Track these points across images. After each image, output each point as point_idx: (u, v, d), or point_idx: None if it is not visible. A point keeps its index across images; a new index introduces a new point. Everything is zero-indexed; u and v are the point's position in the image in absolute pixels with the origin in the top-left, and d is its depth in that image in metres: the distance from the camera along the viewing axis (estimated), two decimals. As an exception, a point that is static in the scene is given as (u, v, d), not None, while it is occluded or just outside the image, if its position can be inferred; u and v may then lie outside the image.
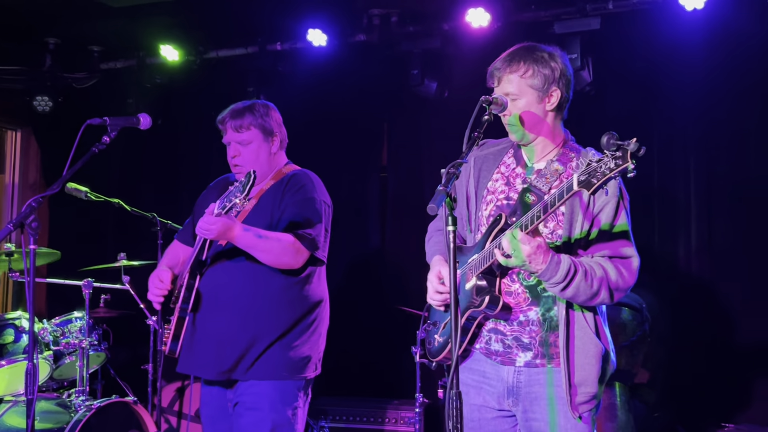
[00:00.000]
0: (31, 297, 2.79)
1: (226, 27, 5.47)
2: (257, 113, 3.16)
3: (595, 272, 2.34)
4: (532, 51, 2.52)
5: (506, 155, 2.66)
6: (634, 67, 4.82)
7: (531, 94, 2.50)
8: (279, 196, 3.09)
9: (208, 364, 3.04)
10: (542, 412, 2.44)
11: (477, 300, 2.42)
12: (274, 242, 2.96)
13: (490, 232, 2.46)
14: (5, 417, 4.31)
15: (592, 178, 2.07)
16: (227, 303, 3.03)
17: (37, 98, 5.85)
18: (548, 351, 2.45)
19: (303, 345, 3.08)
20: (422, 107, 5.30)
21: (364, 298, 5.56)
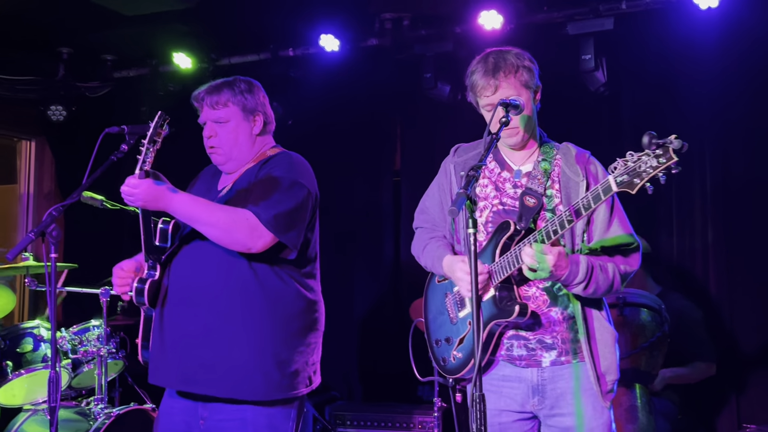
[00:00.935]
0: (53, 305, 2.81)
1: (239, 34, 5.50)
2: (237, 88, 2.82)
3: (606, 264, 2.45)
4: (507, 53, 2.57)
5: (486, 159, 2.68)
6: (649, 67, 4.82)
7: (527, 93, 2.55)
8: (253, 178, 2.72)
9: (181, 374, 2.66)
10: (569, 407, 2.49)
11: (503, 310, 2.45)
12: (220, 213, 2.56)
13: (498, 239, 2.49)
14: (25, 426, 4.35)
15: (634, 177, 2.13)
16: (200, 302, 2.65)
17: (51, 108, 5.88)
18: (571, 347, 2.51)
19: (292, 356, 2.66)
20: (435, 111, 5.32)
21: (379, 303, 5.58)
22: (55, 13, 5.12)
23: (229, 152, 2.82)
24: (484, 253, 2.52)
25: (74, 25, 5.36)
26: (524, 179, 2.58)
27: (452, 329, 2.65)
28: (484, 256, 2.51)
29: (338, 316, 5.63)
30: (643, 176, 2.12)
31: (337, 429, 4.96)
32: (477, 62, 2.59)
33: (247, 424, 2.63)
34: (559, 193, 2.53)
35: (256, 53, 5.52)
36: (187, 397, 2.73)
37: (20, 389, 4.45)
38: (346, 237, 5.71)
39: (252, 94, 2.88)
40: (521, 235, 2.46)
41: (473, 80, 2.58)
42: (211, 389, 2.63)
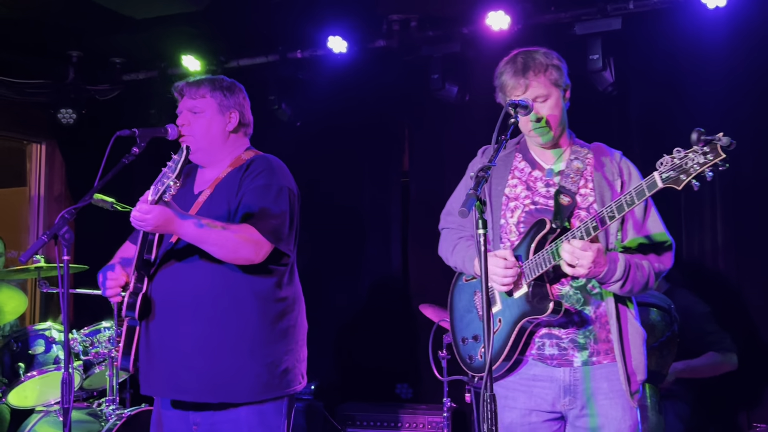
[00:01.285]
0: (65, 307, 2.83)
1: (247, 36, 5.51)
2: (217, 84, 2.87)
3: (641, 262, 2.47)
4: (534, 53, 2.58)
5: (515, 160, 2.70)
6: (657, 66, 4.81)
7: (556, 92, 2.56)
8: (236, 184, 2.74)
9: (172, 383, 2.68)
10: (599, 408, 2.50)
11: (536, 308, 2.45)
12: (226, 234, 2.58)
13: (532, 237, 2.49)
14: (37, 427, 4.37)
15: (680, 174, 2.15)
16: (187, 310, 2.67)
17: (61, 111, 5.90)
18: (603, 347, 2.52)
19: (281, 355, 2.70)
20: (443, 111, 5.32)
21: (388, 303, 5.59)
22: (65, 16, 5.15)
23: (199, 141, 2.82)
24: (518, 249, 2.53)
25: (84, 28, 5.38)
26: (557, 178, 2.59)
27: (479, 327, 2.65)
28: (518, 252, 2.52)
29: (346, 316, 5.67)
30: (690, 172, 2.14)
31: (347, 429, 4.97)
32: (505, 63, 2.60)
33: (241, 424, 2.66)
34: (593, 192, 2.54)
35: (265, 55, 5.53)
36: (177, 405, 2.76)
37: (32, 391, 4.48)
38: (355, 238, 5.72)
39: (232, 92, 2.91)
40: (556, 234, 2.46)
41: (503, 81, 2.58)
42: (204, 396, 2.66)
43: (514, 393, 2.59)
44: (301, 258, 5.95)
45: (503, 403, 2.60)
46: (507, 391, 2.61)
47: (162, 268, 2.76)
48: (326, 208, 5.81)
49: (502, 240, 2.62)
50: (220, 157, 2.88)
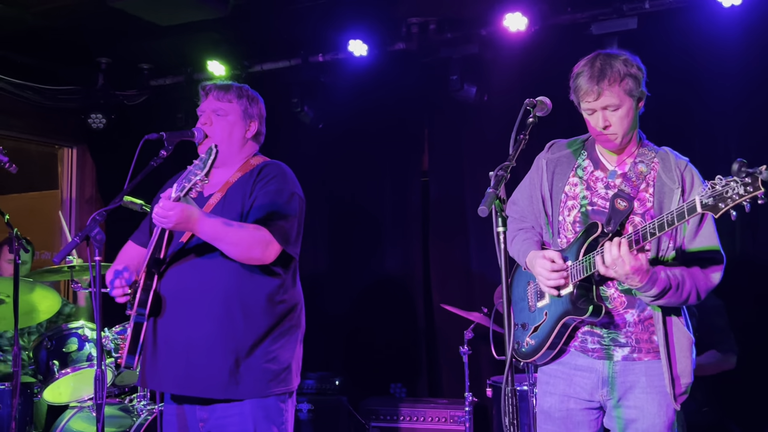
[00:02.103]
0: (98, 306, 2.84)
1: (270, 41, 5.54)
2: (244, 93, 2.95)
3: (686, 282, 2.43)
4: (614, 59, 2.52)
5: (580, 157, 2.67)
6: (673, 63, 4.77)
7: (629, 102, 2.51)
8: (249, 188, 2.78)
9: (177, 378, 2.70)
10: (635, 401, 2.51)
11: (578, 308, 2.47)
12: (242, 233, 2.63)
13: (584, 239, 2.49)
14: (71, 422, 4.43)
15: (719, 202, 2.12)
16: (195, 308, 2.69)
17: (91, 116, 5.98)
18: (645, 347, 2.52)
19: (282, 354, 2.76)
20: (462, 112, 5.31)
21: (409, 300, 5.59)
22: (94, 25, 5.20)
23: (219, 144, 2.77)
24: (569, 250, 2.53)
25: (112, 35, 5.43)
26: (618, 180, 2.56)
27: (529, 316, 2.67)
28: (569, 253, 2.52)
29: (369, 313, 5.67)
30: (728, 202, 2.11)
31: (371, 423, 4.98)
32: (584, 64, 2.54)
33: (246, 418, 2.70)
34: (652, 198, 2.50)
35: (288, 59, 5.55)
36: (183, 401, 2.79)
37: (66, 387, 4.52)
38: (376, 236, 5.73)
39: (255, 102, 2.99)
40: (608, 238, 2.44)
41: (578, 83, 2.53)
42: (210, 392, 2.68)
43: (554, 380, 2.62)
44: (324, 256, 5.99)
45: (543, 389, 2.66)
46: (548, 378, 2.65)
47: (172, 267, 2.78)
48: (348, 207, 5.83)
49: (559, 236, 2.62)
50: (233, 161, 2.92)
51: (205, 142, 2.89)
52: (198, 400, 2.74)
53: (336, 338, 5.74)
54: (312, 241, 5.89)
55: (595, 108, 2.50)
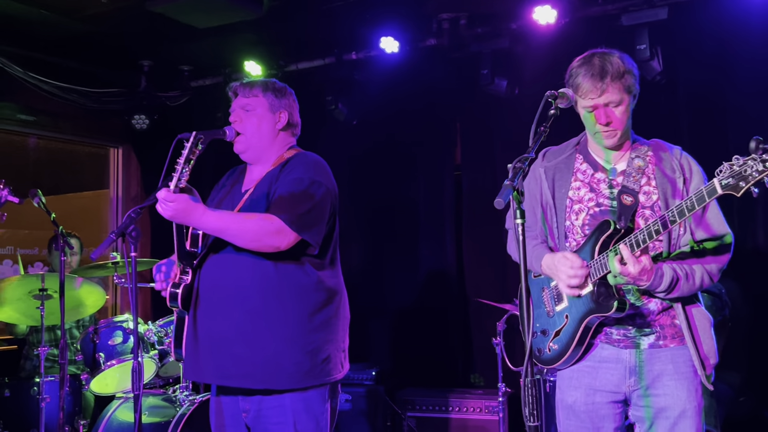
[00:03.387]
0: (134, 300, 2.89)
1: (305, 41, 5.55)
2: (269, 86, 2.92)
3: (694, 271, 2.41)
4: (611, 56, 2.48)
5: (576, 162, 2.64)
6: (705, 51, 4.65)
7: (627, 98, 2.48)
8: (275, 179, 2.77)
9: (217, 370, 2.70)
10: (664, 388, 2.47)
11: (602, 306, 2.43)
12: (248, 223, 2.61)
13: (597, 238, 2.45)
14: (117, 412, 4.50)
15: (739, 181, 2.09)
16: (232, 301, 2.69)
17: (135, 117, 6.07)
18: (669, 332, 2.49)
19: (321, 344, 2.71)
20: (493, 105, 5.25)
21: (444, 292, 5.57)
22: (135, 29, 5.28)
23: (251, 139, 2.86)
24: (583, 250, 2.49)
25: (153, 39, 5.51)
26: (620, 177, 2.54)
27: (549, 322, 2.63)
28: (583, 253, 2.48)
29: (406, 306, 5.66)
30: (748, 180, 2.08)
31: (407, 413, 4.97)
32: (581, 64, 2.50)
33: (286, 410, 2.68)
34: (656, 190, 2.48)
35: (322, 58, 5.56)
36: (227, 392, 2.79)
37: (112, 379, 4.61)
38: (410, 229, 5.72)
39: (282, 94, 2.94)
40: (621, 234, 2.41)
41: (578, 82, 2.49)
42: (248, 382, 2.68)
43: (578, 374, 2.57)
44: (360, 250, 5.99)
45: (567, 383, 2.61)
46: (571, 372, 2.60)
47: (207, 260, 2.78)
48: (383, 201, 5.82)
49: (567, 239, 2.59)
50: (268, 155, 2.90)
51: (238, 138, 2.89)
52: (240, 391, 2.74)
53: (372, 330, 5.74)
54: (348, 235, 5.88)
55: (597, 105, 2.46)
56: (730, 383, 4.01)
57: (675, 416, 2.45)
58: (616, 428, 2.55)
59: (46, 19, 5.02)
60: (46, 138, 6.16)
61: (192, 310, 2.78)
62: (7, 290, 4.36)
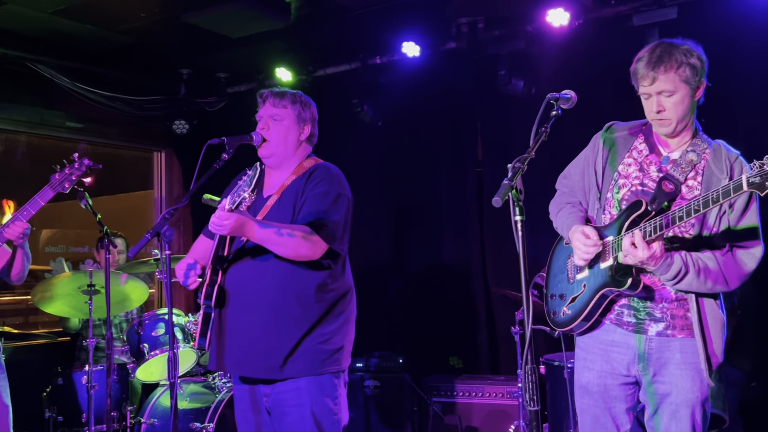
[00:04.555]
0: (169, 295, 2.98)
1: (331, 47, 5.60)
2: (297, 99, 3.03)
3: (710, 271, 2.37)
4: (675, 48, 2.47)
5: (637, 140, 2.63)
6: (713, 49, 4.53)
7: (684, 89, 2.45)
8: (300, 190, 2.89)
9: (241, 361, 2.85)
10: (669, 376, 2.48)
11: (617, 281, 2.45)
12: (289, 236, 2.73)
13: (627, 215, 2.46)
14: (161, 398, 4.63)
15: (766, 180, 2.07)
16: (255, 299, 2.83)
17: (176, 122, 6.18)
18: (679, 323, 2.48)
19: (335, 336, 2.87)
20: (511, 105, 5.26)
21: (467, 284, 5.59)
22: (174, 39, 5.39)
23: (276, 147, 2.97)
24: (613, 225, 2.50)
25: (191, 49, 5.62)
26: (670, 165, 2.52)
27: (568, 287, 2.66)
28: (612, 228, 2.49)
29: (430, 297, 5.70)
30: None
31: (432, 398, 5.01)
32: (646, 51, 2.50)
33: (302, 392, 2.82)
34: (700, 186, 2.45)
35: (348, 63, 5.61)
36: (248, 382, 2.94)
37: (156, 367, 4.73)
38: (435, 225, 5.75)
39: (308, 107, 3.07)
40: (651, 216, 2.41)
41: (636, 68, 2.50)
42: (269, 373, 2.82)
43: (592, 356, 2.60)
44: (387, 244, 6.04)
45: (582, 364, 2.64)
46: (586, 354, 2.62)
47: (234, 264, 2.93)
48: (408, 198, 5.86)
49: (605, 212, 2.60)
50: (289, 163, 3.02)
51: (264, 145, 2.99)
52: (260, 379, 2.88)
53: (399, 320, 5.80)
54: (375, 230, 5.96)
55: (650, 92, 2.45)
56: (741, 369, 3.98)
57: (677, 403, 2.46)
58: (628, 408, 2.58)
59: (91, 33, 5.16)
60: (94, 143, 6.31)
61: (219, 307, 2.91)
62: (58, 286, 4.50)
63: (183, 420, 4.36)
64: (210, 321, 2.92)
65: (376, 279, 5.77)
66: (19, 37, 5.15)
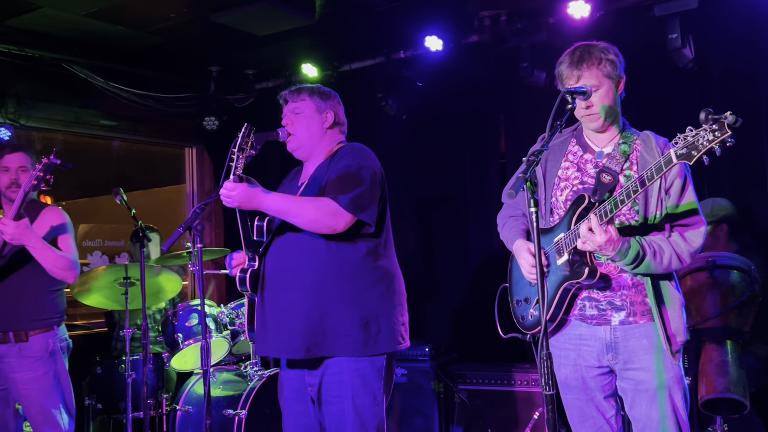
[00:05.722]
0: (201, 286, 3.09)
1: (356, 42, 5.65)
2: (314, 90, 3.08)
3: (664, 250, 2.45)
4: (592, 47, 2.61)
5: (570, 144, 2.74)
6: (735, 37, 4.55)
7: (607, 83, 2.56)
8: (326, 170, 2.94)
9: (282, 344, 2.86)
10: (640, 362, 2.53)
11: (575, 272, 2.50)
12: (307, 205, 2.74)
13: (573, 210, 2.53)
14: (196, 386, 4.76)
15: (692, 150, 2.16)
16: (293, 282, 2.84)
17: (206, 119, 6.27)
18: (639, 309, 2.54)
19: (376, 318, 2.83)
20: (534, 97, 5.27)
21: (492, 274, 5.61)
22: (203, 39, 5.49)
23: (301, 139, 3.04)
24: (562, 223, 2.58)
25: (220, 47, 5.72)
26: (605, 159, 2.62)
27: (530, 291, 2.73)
28: (562, 225, 2.57)
29: (457, 288, 5.75)
30: (699, 149, 2.15)
31: (458, 386, 5.07)
32: (565, 54, 2.65)
33: (344, 384, 2.84)
34: (636, 174, 2.54)
35: (372, 58, 5.66)
36: (294, 368, 2.98)
37: (191, 356, 4.86)
38: (460, 215, 5.79)
39: (327, 96, 3.12)
40: (595, 207, 2.48)
41: (560, 70, 2.65)
42: (309, 353, 2.83)
43: (565, 352, 2.67)
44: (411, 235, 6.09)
45: (557, 362, 2.70)
46: (559, 351, 2.69)
47: (271, 248, 2.97)
48: (432, 190, 5.91)
49: (552, 215, 2.68)
50: (319, 151, 3.07)
51: (290, 139, 3.07)
52: (306, 365, 2.91)
53: (426, 311, 5.86)
54: (400, 221, 6.01)
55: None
56: (759, 356, 3.98)
57: (653, 389, 2.51)
58: (607, 396, 2.64)
59: (123, 34, 5.28)
60: (127, 140, 6.45)
61: (260, 292, 2.95)
62: (96, 279, 4.64)
63: (216, 407, 4.48)
64: (254, 309, 2.98)
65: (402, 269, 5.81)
66: (54, 39, 5.28)
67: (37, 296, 3.58)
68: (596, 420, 2.64)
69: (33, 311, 3.59)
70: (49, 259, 3.52)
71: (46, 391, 3.57)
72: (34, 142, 5.96)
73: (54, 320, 3.66)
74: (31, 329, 3.58)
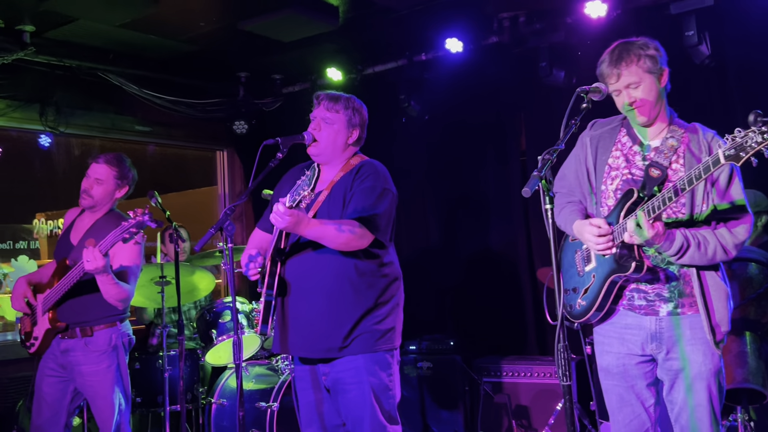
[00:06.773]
0: (232, 284, 3.13)
1: (379, 46, 5.69)
2: (350, 104, 3.14)
3: (708, 242, 2.46)
4: (632, 44, 2.60)
5: (620, 134, 2.73)
6: (752, 33, 4.52)
7: (649, 78, 2.56)
8: (349, 185, 3.04)
9: (304, 344, 3.01)
10: (681, 352, 2.55)
11: (622, 266, 2.53)
12: (339, 231, 2.88)
13: (623, 205, 2.55)
14: (229, 380, 4.84)
15: (740, 152, 2.17)
16: (313, 287, 2.99)
17: (236, 123, 6.37)
18: (687, 300, 2.55)
19: (387, 318, 3.03)
20: (553, 95, 5.27)
21: (515, 269, 5.64)
22: (232, 46, 5.58)
23: (325, 148, 3.11)
24: (611, 216, 2.60)
25: (248, 54, 5.80)
26: (652, 153, 2.62)
27: (579, 280, 2.75)
28: (611, 218, 2.59)
29: (479, 282, 5.77)
30: (747, 150, 2.16)
31: (482, 378, 5.10)
32: (606, 53, 2.65)
33: (360, 371, 2.98)
34: (683, 168, 2.55)
35: (395, 61, 5.70)
36: (308, 362, 3.12)
37: (224, 351, 4.94)
38: (482, 211, 5.81)
39: (359, 112, 3.18)
40: (644, 202, 2.50)
41: (600, 70, 2.65)
42: (330, 353, 2.99)
43: (609, 339, 2.69)
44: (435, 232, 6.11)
45: (600, 348, 2.73)
46: (603, 338, 2.71)
47: (292, 256, 3.10)
48: (455, 188, 5.93)
49: (601, 204, 2.69)
50: (336, 162, 3.17)
51: (313, 144, 3.13)
52: (320, 359, 3.05)
53: (450, 304, 5.89)
54: (424, 219, 6.06)
55: (618, 88, 2.58)
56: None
57: (692, 377, 2.53)
58: (648, 384, 2.66)
59: (155, 43, 5.38)
60: (161, 145, 6.57)
61: (281, 296, 3.07)
62: (133, 278, 4.74)
63: (249, 400, 4.56)
64: (271, 309, 3.07)
65: (427, 266, 5.87)
66: (90, 49, 5.41)
67: (101, 295, 3.69)
68: (635, 407, 2.66)
69: (98, 309, 3.73)
70: (111, 293, 3.66)
71: (109, 383, 3.74)
72: (72, 149, 6.10)
73: (117, 317, 3.81)
74: (96, 325, 3.74)
